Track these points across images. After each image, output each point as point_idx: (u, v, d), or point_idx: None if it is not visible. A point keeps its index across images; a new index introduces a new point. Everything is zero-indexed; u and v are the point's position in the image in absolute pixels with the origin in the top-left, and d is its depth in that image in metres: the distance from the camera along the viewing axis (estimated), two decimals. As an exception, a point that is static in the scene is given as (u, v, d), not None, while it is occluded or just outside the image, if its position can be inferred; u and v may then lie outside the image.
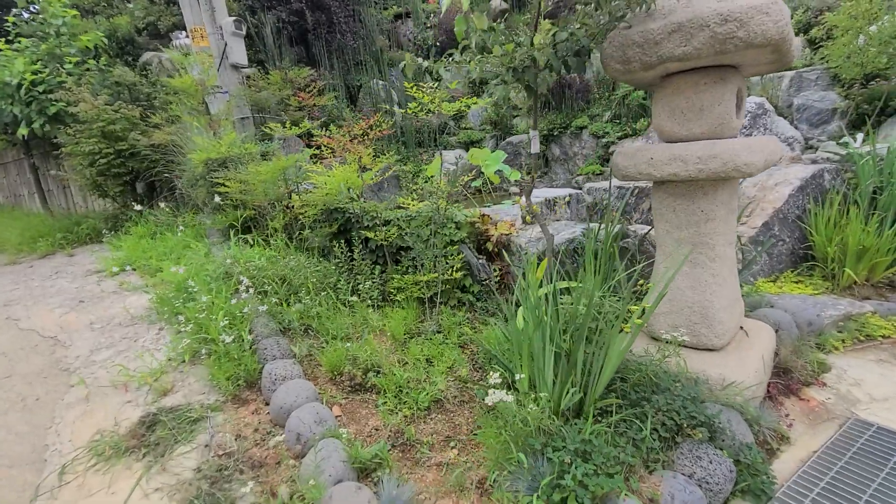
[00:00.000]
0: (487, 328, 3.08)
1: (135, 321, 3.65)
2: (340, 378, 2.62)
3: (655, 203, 2.62)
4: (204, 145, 4.59)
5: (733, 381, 2.27)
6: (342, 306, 3.32)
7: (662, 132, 2.48)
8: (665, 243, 2.61)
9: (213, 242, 4.99)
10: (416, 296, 3.28)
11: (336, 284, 3.49)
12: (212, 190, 4.75)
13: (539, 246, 3.38)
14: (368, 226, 3.71)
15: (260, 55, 8.14)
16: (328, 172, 3.57)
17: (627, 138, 7.39)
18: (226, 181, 4.33)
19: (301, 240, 4.12)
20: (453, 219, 3.51)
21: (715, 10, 2.01)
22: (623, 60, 2.29)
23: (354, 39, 8.62)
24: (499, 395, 1.69)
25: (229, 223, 4.67)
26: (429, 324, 3.07)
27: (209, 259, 3.92)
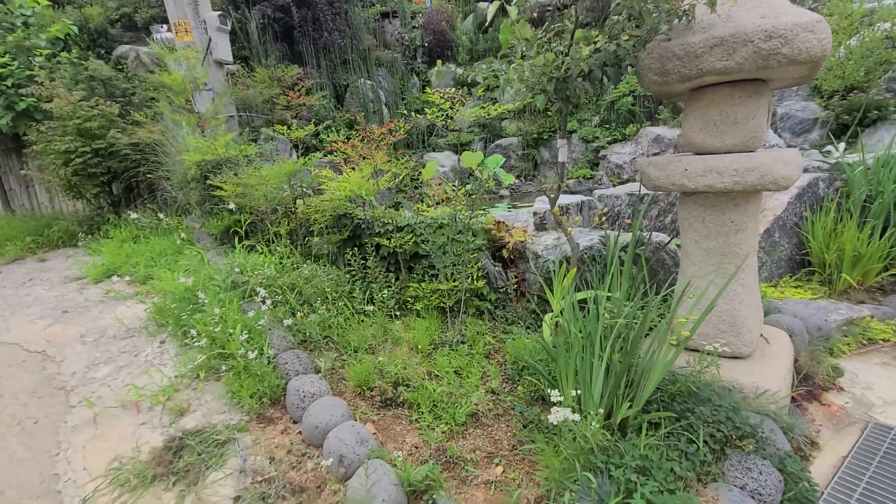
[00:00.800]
0: (512, 337, 3.05)
1: (131, 333, 3.44)
2: (370, 393, 2.53)
3: (684, 213, 2.65)
4: (198, 146, 4.38)
5: (767, 390, 2.31)
6: (358, 316, 3.22)
7: (693, 143, 2.50)
8: (693, 253, 2.64)
9: (205, 247, 4.77)
10: (435, 305, 3.22)
11: (351, 293, 3.38)
12: (206, 193, 4.54)
13: (555, 253, 3.37)
14: (380, 232, 3.62)
15: (244, 52, 7.87)
16: (341, 178, 3.46)
17: (617, 143, 7.52)
18: (223, 184, 4.14)
19: (307, 246, 3.99)
20: (470, 226, 3.46)
21: (759, 26, 2.03)
22: (661, 72, 2.30)
23: (342, 37, 8.44)
24: (562, 413, 1.66)
25: (225, 228, 4.47)
26: (451, 334, 3.01)
27: (209, 267, 3.74)
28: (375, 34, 9.60)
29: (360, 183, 3.36)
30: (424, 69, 9.80)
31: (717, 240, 2.53)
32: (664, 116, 7.20)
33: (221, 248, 4.64)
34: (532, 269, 3.49)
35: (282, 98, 6.96)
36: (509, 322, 3.29)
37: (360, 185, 3.35)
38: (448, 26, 9.60)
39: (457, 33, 9.89)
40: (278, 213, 4.12)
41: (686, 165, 2.39)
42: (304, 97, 7.17)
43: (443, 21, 9.44)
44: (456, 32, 9.86)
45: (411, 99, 9.35)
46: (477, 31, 9.96)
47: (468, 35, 9.87)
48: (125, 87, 6.44)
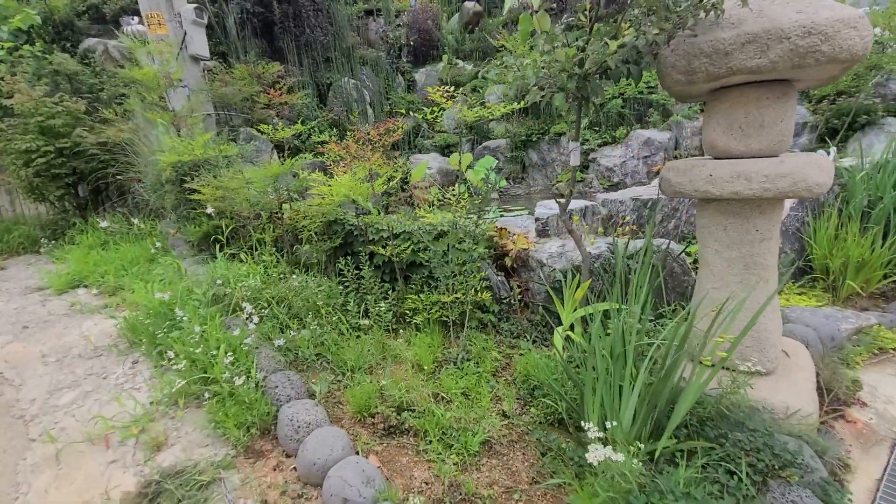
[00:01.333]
0: (520, 352, 2.86)
1: (99, 352, 3.12)
2: (371, 420, 2.30)
3: (703, 221, 2.50)
4: (174, 146, 4.06)
5: (799, 409, 2.18)
6: (353, 331, 2.98)
7: (715, 147, 2.36)
8: (713, 263, 2.49)
9: (181, 255, 4.45)
10: (436, 318, 3.00)
11: (344, 306, 3.14)
12: (182, 197, 4.22)
13: (561, 262, 3.20)
14: (374, 240, 3.39)
15: (221, 47, 7.50)
16: (332, 181, 3.21)
17: (607, 146, 7.44)
18: (201, 188, 3.84)
19: (294, 255, 3.72)
20: (471, 233, 3.27)
21: (796, 21, 1.89)
22: (687, 71, 2.14)
23: (324, 34, 8.14)
24: (602, 452, 1.47)
25: (203, 234, 4.16)
26: (456, 350, 2.80)
27: (187, 278, 3.44)
28: (359, 32, 9.34)
29: (353, 187, 3.12)
30: (409, 68, 9.57)
31: (739, 249, 2.38)
32: (654, 119, 7.15)
33: (199, 255, 4.32)
34: (536, 278, 3.31)
35: (262, 96, 6.64)
36: (515, 335, 3.10)
37: (353, 189, 3.11)
38: (434, 25, 9.40)
39: (442, 33, 9.69)
40: (262, 219, 3.84)
41: (711, 170, 2.24)
42: (286, 95, 6.86)
43: (428, 20, 9.24)
44: (442, 32, 9.66)
45: (397, 98, 9.11)
46: (463, 31, 9.78)
47: (454, 35, 9.69)
48: (92, 82, 6.03)
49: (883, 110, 5.40)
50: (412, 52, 9.63)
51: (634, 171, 7.03)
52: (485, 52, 9.35)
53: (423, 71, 9.56)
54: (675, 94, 2.41)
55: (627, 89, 7.30)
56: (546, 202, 3.84)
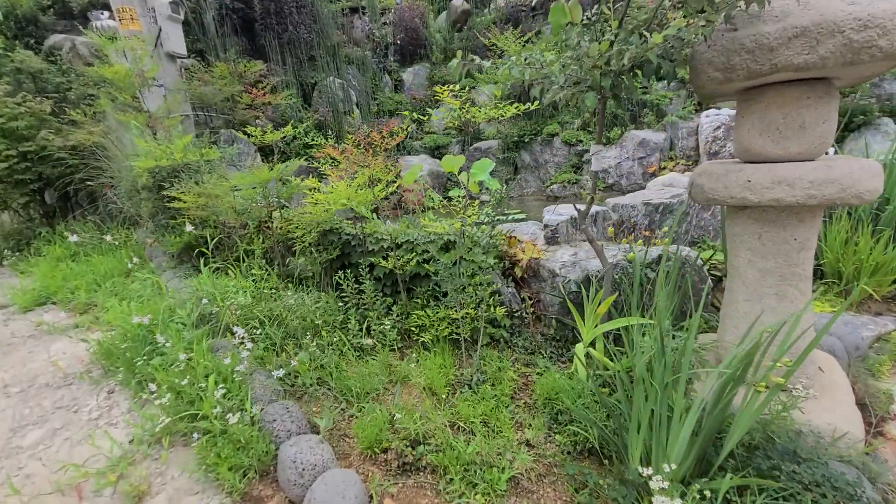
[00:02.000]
0: (538, 371, 2.66)
1: (69, 381, 2.81)
2: (383, 456, 2.06)
3: (736, 229, 2.34)
4: (151, 150, 3.75)
5: (847, 432, 2.03)
6: (355, 352, 2.74)
7: (749, 150, 2.19)
8: (746, 274, 2.33)
9: (159, 267, 4.13)
10: (445, 335, 2.78)
11: (344, 324, 2.89)
12: (160, 205, 3.91)
13: (575, 272, 3.01)
14: (374, 250, 3.15)
15: (199, 44, 7.13)
16: (328, 188, 2.96)
17: (601, 147, 7.30)
18: (181, 195, 3.54)
19: (286, 267, 3.45)
20: (480, 242, 3.06)
21: (850, 13, 1.73)
22: (726, 68, 1.97)
23: (308, 32, 7.83)
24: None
25: (184, 245, 3.86)
26: (469, 371, 2.58)
27: (168, 296, 3.14)
28: (344, 30, 9.04)
29: (350, 194, 2.88)
30: (396, 68, 9.31)
31: (775, 259, 2.23)
32: (648, 120, 7.06)
33: (180, 268, 4.01)
34: (549, 289, 3.12)
35: (245, 96, 6.32)
36: (529, 351, 2.90)
37: (352, 197, 2.87)
38: (422, 23, 9.17)
39: (430, 31, 9.46)
40: (249, 228, 3.55)
41: (749, 176, 2.07)
42: (270, 95, 6.55)
43: (416, 18, 9.00)
44: (429, 30, 9.43)
45: (384, 99, 8.85)
46: (451, 30, 9.57)
47: (442, 33, 9.47)
48: (59, 81, 5.62)
49: (878, 110, 5.38)
50: (399, 51, 9.38)
51: (630, 173, 6.92)
52: (474, 50, 9.15)
53: (411, 70, 9.32)
54: (707, 92, 2.23)
55: (621, 89, 7.17)
56: (553, 207, 3.65)
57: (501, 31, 8.25)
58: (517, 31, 8.11)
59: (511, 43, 7.57)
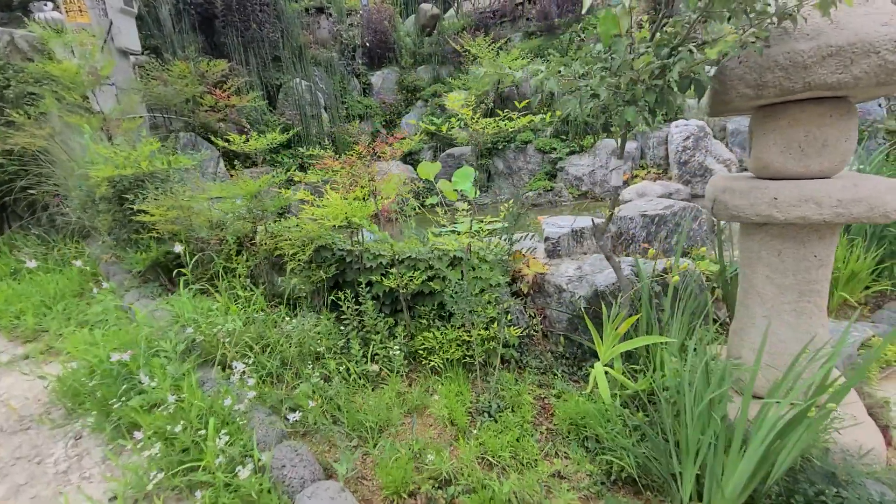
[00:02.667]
0: (554, 393, 2.56)
1: (26, 424, 2.43)
2: (411, 501, 1.88)
3: (752, 244, 2.33)
4: (111, 157, 3.36)
5: (872, 448, 2.05)
6: (361, 380, 2.53)
7: (768, 166, 2.19)
8: (763, 290, 2.33)
9: (120, 287, 3.72)
10: (456, 358, 2.63)
11: (345, 349, 2.67)
12: (122, 218, 3.52)
13: (583, 287, 2.94)
14: (372, 267, 2.95)
15: (153, 41, 6.61)
16: (323, 201, 2.74)
17: (574, 154, 7.40)
18: (150, 207, 3.19)
19: (273, 286, 3.18)
20: (485, 258, 2.93)
21: (885, 34, 1.74)
22: (757, 85, 1.94)
23: (273, 31, 7.45)
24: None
25: (151, 262, 3.49)
26: (487, 397, 2.44)
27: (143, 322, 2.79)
28: (309, 30, 8.69)
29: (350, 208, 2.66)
30: (365, 71, 9.05)
31: (794, 276, 2.23)
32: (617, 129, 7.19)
33: (145, 288, 3.62)
34: (554, 305, 3.03)
35: (207, 97, 5.88)
36: (541, 371, 2.79)
37: (351, 212, 2.66)
38: (391, 26, 8.97)
39: (399, 34, 9.28)
40: (228, 244, 3.24)
41: (775, 193, 2.06)
42: (235, 97, 6.14)
43: (385, 20, 8.79)
44: (398, 33, 9.25)
45: (353, 102, 8.57)
46: (420, 34, 9.43)
47: (411, 37, 9.31)
48: (-8, 77, 5.00)
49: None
50: (367, 54, 9.13)
51: (603, 181, 7.03)
52: (444, 56, 9.07)
53: (380, 74, 9.09)
54: (731, 109, 2.21)
55: (593, 98, 7.29)
56: (554, 219, 3.59)
57: (473, 38, 8.20)
58: (489, 37, 8.08)
59: (484, 49, 7.53)
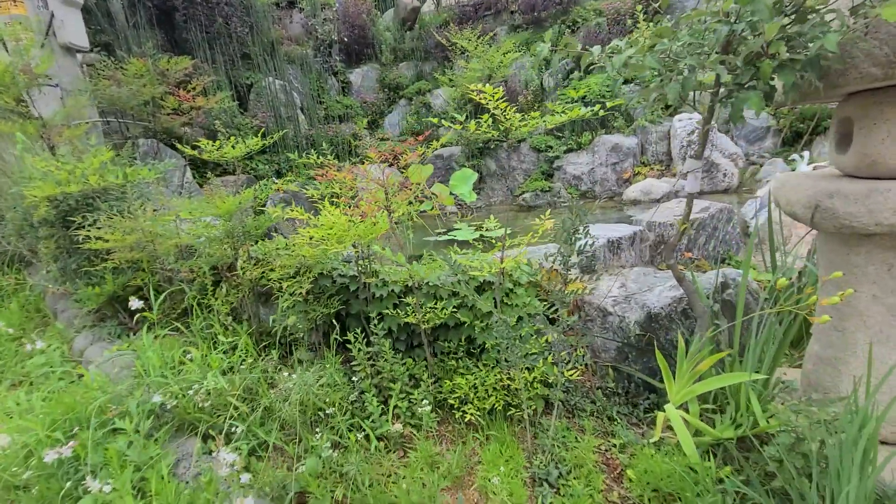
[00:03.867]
0: (615, 445, 2.11)
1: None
2: None
3: (856, 258, 1.93)
4: (51, 171, 2.73)
5: None
6: (381, 443, 2.02)
7: (877, 163, 1.79)
8: (868, 311, 1.93)
9: (69, 326, 3.10)
10: (499, 408, 2.14)
11: (360, 404, 2.15)
12: (68, 244, 2.90)
13: (633, 310, 2.51)
14: (380, 296, 2.44)
15: (104, 36, 5.88)
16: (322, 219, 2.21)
17: (572, 152, 7.03)
18: (102, 233, 2.60)
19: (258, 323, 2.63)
20: (518, 280, 2.46)
21: None
22: (890, 62, 1.53)
23: (241, 25, 6.79)
24: None
25: (108, 297, 2.88)
26: (543, 459, 1.96)
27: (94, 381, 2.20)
28: (281, 25, 8.04)
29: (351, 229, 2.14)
30: (343, 68, 8.45)
31: (910, 295, 1.85)
32: (618, 124, 6.86)
33: (101, 327, 3.01)
34: (598, 331, 2.59)
35: (170, 99, 5.21)
36: (593, 414, 2.34)
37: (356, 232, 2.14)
38: (369, 20, 8.41)
39: (378, 29, 8.72)
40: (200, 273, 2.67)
41: (904, 198, 1.66)
42: (201, 99, 5.49)
43: (363, 14, 8.22)
44: (377, 28, 8.69)
45: (331, 102, 7.96)
46: (401, 28, 8.89)
47: (391, 32, 8.76)
48: None
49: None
50: (344, 50, 8.53)
51: (604, 179, 6.67)
52: (426, 51, 8.56)
53: (359, 71, 8.51)
54: (831, 94, 1.80)
55: (590, 92, 6.94)
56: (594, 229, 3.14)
57: (458, 31, 7.73)
58: (476, 30, 7.63)
59: (473, 43, 7.06)
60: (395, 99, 8.47)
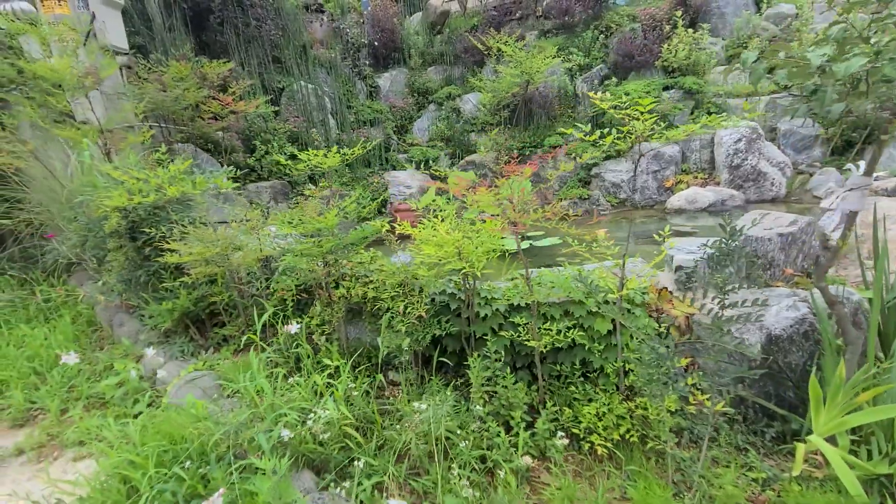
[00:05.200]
0: (752, 478, 1.96)
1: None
2: None
3: None
4: (127, 181, 2.58)
5: None
6: (514, 477, 1.87)
7: None
8: None
9: (135, 342, 2.95)
10: (633, 438, 2.00)
11: (480, 433, 2.00)
12: (137, 258, 2.75)
13: (753, 332, 2.37)
14: (484, 316, 2.29)
15: (137, 38, 5.72)
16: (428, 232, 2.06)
17: (610, 160, 6.92)
18: (179, 245, 2.45)
19: (344, 340, 2.48)
20: (634, 300, 2.33)
21: None
22: None
23: (275, 28, 6.66)
24: None
25: (181, 313, 2.74)
26: (691, 499, 1.82)
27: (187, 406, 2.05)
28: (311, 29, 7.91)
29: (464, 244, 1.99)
30: (371, 72, 8.32)
31: None
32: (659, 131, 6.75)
33: (170, 344, 2.85)
34: (710, 353, 2.45)
35: (213, 104, 5.07)
36: (719, 443, 2.19)
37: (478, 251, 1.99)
38: (399, 24, 8.29)
39: (408, 32, 8.60)
40: (290, 291, 2.51)
41: None
42: (242, 103, 5.34)
43: (393, 17, 8.10)
44: (407, 31, 8.57)
45: (360, 107, 7.83)
46: (429, 32, 8.77)
47: (420, 35, 8.64)
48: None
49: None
50: (372, 54, 8.41)
51: (644, 187, 6.55)
52: (455, 55, 8.44)
53: (388, 76, 8.38)
54: None
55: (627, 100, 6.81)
56: (683, 242, 3.01)
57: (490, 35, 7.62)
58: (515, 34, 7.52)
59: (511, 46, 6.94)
60: (424, 104, 8.34)
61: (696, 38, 7.18)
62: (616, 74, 7.56)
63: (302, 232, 2.18)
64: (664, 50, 7.22)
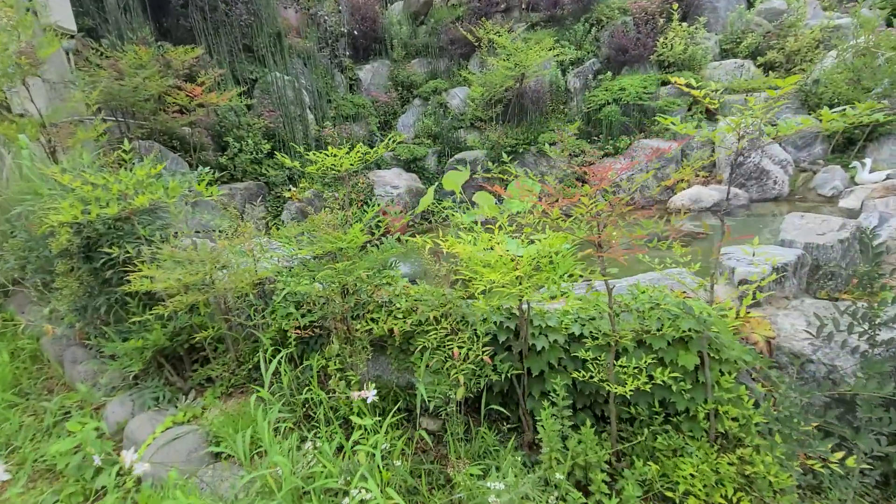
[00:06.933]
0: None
1: None
2: None
3: None
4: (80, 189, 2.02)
5: None
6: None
7: None
8: None
9: (93, 385, 2.39)
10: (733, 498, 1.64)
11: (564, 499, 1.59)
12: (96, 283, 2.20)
13: (845, 357, 2.06)
14: (540, 350, 1.89)
15: (87, 20, 4.99)
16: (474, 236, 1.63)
17: (609, 157, 6.64)
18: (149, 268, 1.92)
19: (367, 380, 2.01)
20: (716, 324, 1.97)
21: None
22: None
23: (248, 13, 6.01)
24: None
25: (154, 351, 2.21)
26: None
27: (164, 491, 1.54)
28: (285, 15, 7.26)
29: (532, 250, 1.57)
30: (351, 64, 7.74)
31: None
32: (656, 128, 6.52)
33: (140, 389, 2.30)
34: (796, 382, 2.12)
35: (179, 95, 4.43)
36: (816, 490, 1.86)
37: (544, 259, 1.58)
38: (380, 13, 7.75)
39: (390, 21, 8.06)
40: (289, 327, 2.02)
41: None
42: (212, 95, 4.72)
43: (374, 5, 7.55)
44: (390, 20, 8.03)
45: (340, 101, 7.25)
46: (412, 22, 8.25)
47: (402, 26, 8.11)
48: None
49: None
50: (351, 44, 7.83)
51: (644, 186, 6.31)
52: (440, 47, 7.96)
53: (369, 68, 7.82)
54: None
55: (624, 94, 6.56)
56: (736, 251, 2.68)
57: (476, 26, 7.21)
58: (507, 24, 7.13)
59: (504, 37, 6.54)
60: (409, 98, 7.83)
61: (692, 32, 6.99)
62: (609, 69, 7.29)
63: (318, 253, 1.70)
64: (659, 44, 7.00)
